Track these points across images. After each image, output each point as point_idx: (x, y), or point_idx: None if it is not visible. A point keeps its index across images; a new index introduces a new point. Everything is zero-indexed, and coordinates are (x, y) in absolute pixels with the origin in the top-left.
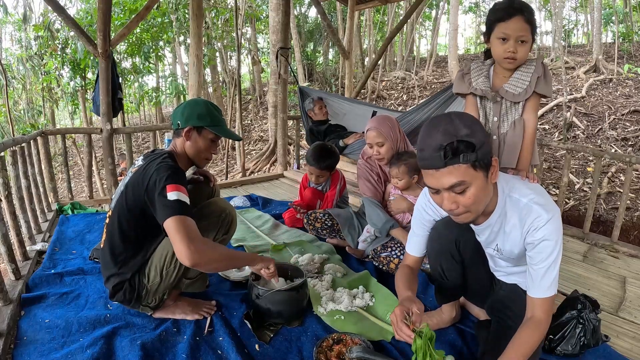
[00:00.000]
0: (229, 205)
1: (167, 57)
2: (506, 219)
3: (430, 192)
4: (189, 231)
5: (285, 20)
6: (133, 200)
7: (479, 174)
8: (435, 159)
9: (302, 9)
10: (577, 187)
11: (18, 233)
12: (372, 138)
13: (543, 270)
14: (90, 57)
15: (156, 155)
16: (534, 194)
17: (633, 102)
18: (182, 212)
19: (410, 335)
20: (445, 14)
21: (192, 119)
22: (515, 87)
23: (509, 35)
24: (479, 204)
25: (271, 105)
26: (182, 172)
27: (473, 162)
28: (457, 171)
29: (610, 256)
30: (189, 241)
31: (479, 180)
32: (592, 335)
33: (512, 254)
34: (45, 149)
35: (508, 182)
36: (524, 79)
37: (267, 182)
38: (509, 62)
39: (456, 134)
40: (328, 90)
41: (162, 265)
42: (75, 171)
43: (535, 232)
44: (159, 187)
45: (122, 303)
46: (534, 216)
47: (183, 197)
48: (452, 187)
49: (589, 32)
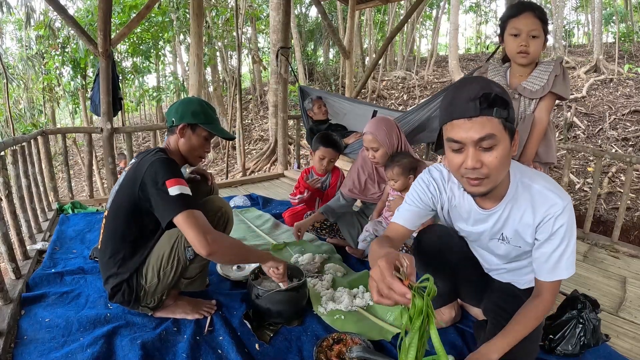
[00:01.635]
0: (225, 203)
1: (167, 56)
2: (517, 203)
3: (451, 150)
4: (202, 223)
5: (286, 19)
6: (127, 199)
7: (506, 136)
8: (468, 107)
9: (303, 9)
10: (577, 187)
11: (18, 232)
12: (368, 142)
13: (558, 254)
14: (90, 56)
15: (148, 152)
16: (545, 181)
17: (633, 102)
18: (189, 206)
19: (405, 294)
20: (445, 14)
21: (187, 116)
22: (533, 85)
23: (520, 30)
24: (500, 171)
25: (271, 105)
26: (176, 164)
27: (505, 119)
28: (490, 123)
29: (610, 256)
30: (204, 232)
31: (506, 142)
32: (592, 335)
33: (520, 241)
34: (46, 148)
35: (520, 169)
36: (542, 77)
37: (267, 181)
38: (522, 57)
39: (492, 90)
40: (328, 89)
41: (159, 266)
42: (75, 170)
43: (553, 220)
44: (159, 182)
45: (122, 304)
46: (550, 203)
47: (185, 190)
48: (481, 140)
49: (589, 32)
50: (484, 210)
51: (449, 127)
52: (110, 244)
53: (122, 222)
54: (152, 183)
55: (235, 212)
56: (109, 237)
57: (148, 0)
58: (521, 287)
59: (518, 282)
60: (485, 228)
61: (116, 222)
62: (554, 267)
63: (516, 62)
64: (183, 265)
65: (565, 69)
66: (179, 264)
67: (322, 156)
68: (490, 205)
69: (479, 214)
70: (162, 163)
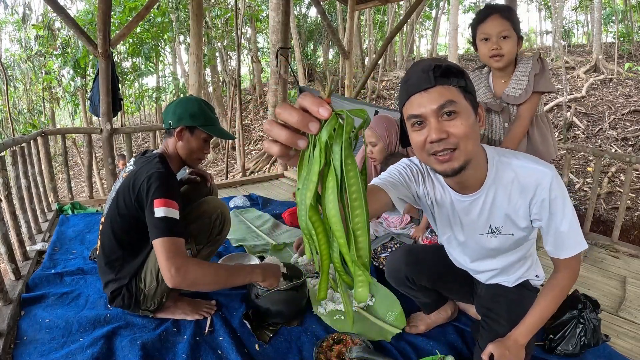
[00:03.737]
0: (222, 204)
1: (167, 57)
2: (502, 184)
3: (413, 129)
4: (174, 254)
5: (285, 20)
6: (125, 206)
7: (468, 105)
8: (422, 79)
9: (302, 9)
10: (577, 187)
11: (18, 233)
12: (366, 136)
13: (566, 227)
14: (90, 57)
15: (147, 160)
16: (524, 157)
17: (633, 101)
18: (168, 232)
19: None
20: (445, 14)
21: (185, 118)
22: (515, 90)
23: (489, 34)
24: (469, 139)
25: (271, 105)
26: (173, 179)
27: (463, 88)
28: (447, 91)
29: (610, 256)
30: (170, 264)
31: (468, 111)
32: (593, 335)
33: (512, 228)
34: (46, 149)
35: (496, 150)
36: (523, 79)
37: (267, 182)
38: (496, 61)
39: (444, 62)
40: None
41: (157, 270)
42: (75, 171)
43: (548, 192)
44: (148, 200)
45: (122, 308)
46: (537, 175)
47: (171, 213)
48: (441, 108)
49: (589, 32)
50: (465, 196)
51: (407, 106)
52: (108, 250)
53: (119, 228)
54: (144, 198)
55: (235, 212)
56: (106, 243)
57: (148, 1)
58: (509, 286)
59: (507, 281)
60: (472, 219)
61: (113, 227)
62: (567, 243)
63: (492, 66)
64: None
65: (544, 62)
66: None
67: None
68: (471, 192)
69: (460, 203)
70: (157, 178)
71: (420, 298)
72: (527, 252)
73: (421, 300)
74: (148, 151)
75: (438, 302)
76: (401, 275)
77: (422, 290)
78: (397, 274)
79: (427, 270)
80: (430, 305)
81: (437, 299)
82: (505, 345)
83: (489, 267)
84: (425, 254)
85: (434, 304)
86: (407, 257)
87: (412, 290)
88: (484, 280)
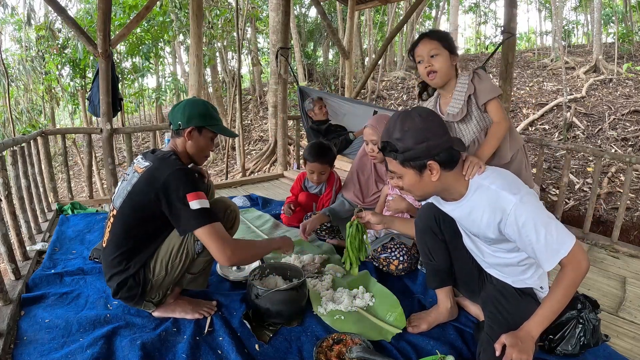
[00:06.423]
0: (232, 202)
1: (167, 57)
2: (476, 205)
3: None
4: (222, 236)
5: (285, 20)
6: (141, 201)
7: (408, 170)
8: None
9: (302, 9)
10: (577, 187)
11: (18, 233)
12: (367, 135)
13: (543, 242)
14: (90, 57)
15: (164, 156)
16: (502, 180)
17: (633, 102)
18: (209, 220)
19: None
20: (445, 14)
21: (194, 119)
22: (454, 108)
23: (421, 56)
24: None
25: (271, 105)
26: (194, 174)
27: (401, 161)
28: (389, 164)
29: (610, 256)
30: (225, 246)
31: (409, 175)
32: (592, 335)
33: (488, 238)
34: (45, 149)
35: (483, 175)
36: (459, 99)
37: (267, 182)
38: (431, 78)
39: (390, 136)
40: (328, 90)
41: (167, 259)
42: (75, 171)
43: (514, 217)
44: (180, 195)
45: (126, 300)
46: (502, 203)
47: (205, 204)
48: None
49: (589, 32)
50: (447, 203)
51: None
52: (118, 243)
53: (134, 221)
54: (173, 194)
55: None
56: (117, 236)
57: (148, 1)
58: (517, 286)
59: (515, 282)
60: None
61: (127, 221)
62: (547, 256)
63: (431, 84)
64: (191, 258)
65: (479, 75)
66: (187, 257)
67: (310, 170)
68: (452, 201)
69: (448, 205)
70: (183, 174)
71: (434, 260)
72: (527, 256)
73: (434, 264)
74: (157, 149)
75: (447, 276)
76: (431, 214)
77: (441, 249)
78: (428, 212)
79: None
80: (438, 275)
81: (447, 269)
82: (518, 336)
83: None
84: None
85: (442, 274)
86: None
87: (434, 242)
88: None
